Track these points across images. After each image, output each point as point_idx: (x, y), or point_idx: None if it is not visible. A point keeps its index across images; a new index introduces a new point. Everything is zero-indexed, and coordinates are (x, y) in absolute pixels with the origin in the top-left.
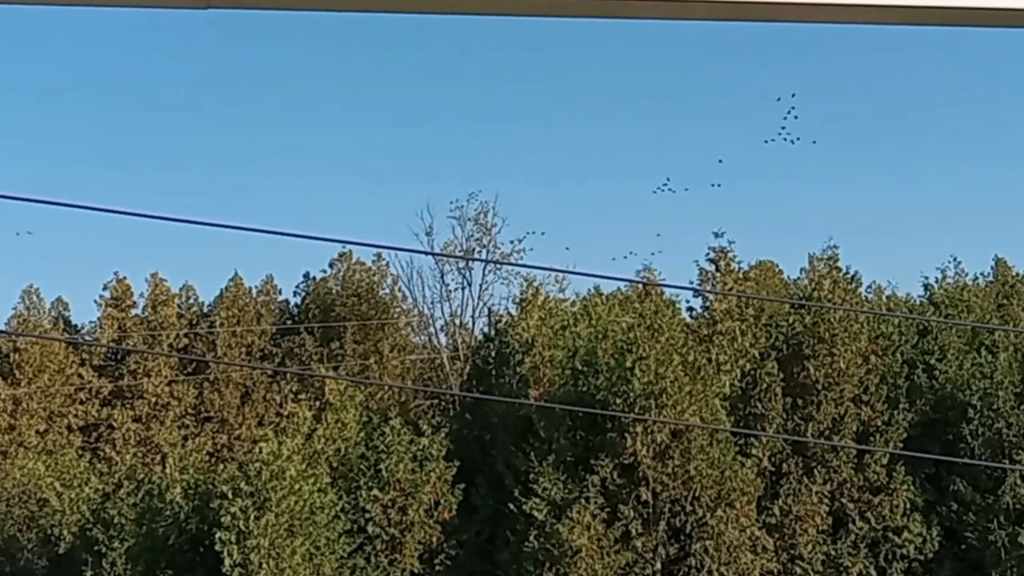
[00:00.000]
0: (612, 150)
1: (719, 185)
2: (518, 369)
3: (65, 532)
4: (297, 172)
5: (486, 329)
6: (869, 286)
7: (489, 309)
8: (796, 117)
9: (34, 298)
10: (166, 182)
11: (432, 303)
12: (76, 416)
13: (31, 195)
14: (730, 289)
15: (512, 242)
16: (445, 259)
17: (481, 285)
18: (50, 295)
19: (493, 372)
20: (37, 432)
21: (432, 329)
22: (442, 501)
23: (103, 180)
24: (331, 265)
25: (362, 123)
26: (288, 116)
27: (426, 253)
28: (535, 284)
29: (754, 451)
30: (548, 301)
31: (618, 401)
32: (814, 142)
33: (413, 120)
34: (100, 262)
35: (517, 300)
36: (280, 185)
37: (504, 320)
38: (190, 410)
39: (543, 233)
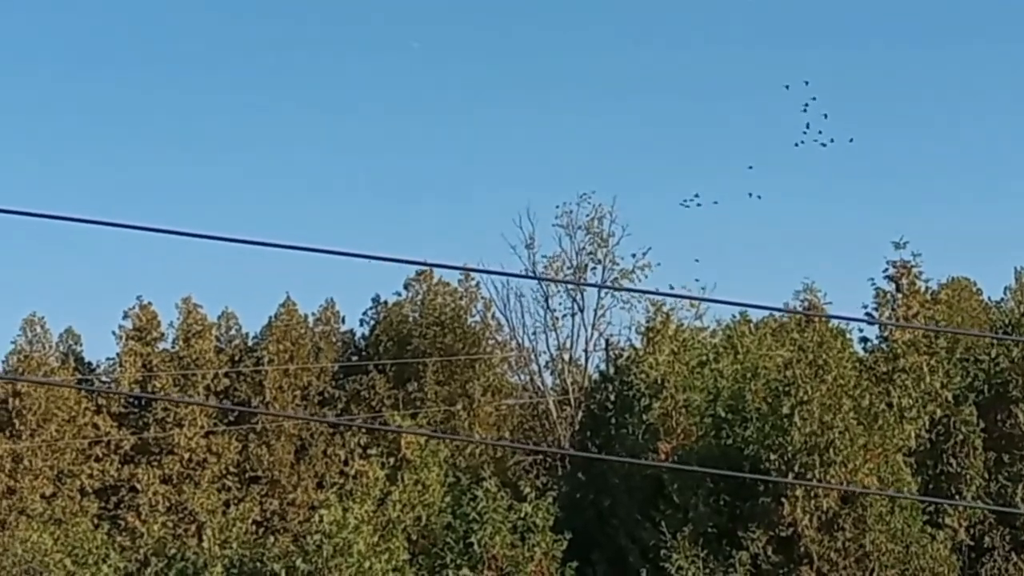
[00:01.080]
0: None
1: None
2: (644, 417)
3: None
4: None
5: (603, 366)
6: None
7: (607, 340)
8: (825, 116)
9: (38, 329)
10: (192, 189)
11: (535, 333)
12: (91, 476)
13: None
14: (915, 316)
15: (634, 255)
16: (549, 280)
17: (596, 310)
18: (57, 326)
19: (613, 421)
20: (43, 496)
21: (535, 366)
22: None
23: (110, 183)
24: (407, 287)
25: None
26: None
27: (503, 274)
28: (664, 309)
29: (947, 521)
30: (682, 330)
31: (773, 457)
32: (851, 140)
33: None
34: (119, 285)
35: (642, 329)
36: (339, 193)
37: (626, 354)
38: (232, 468)
39: (669, 245)
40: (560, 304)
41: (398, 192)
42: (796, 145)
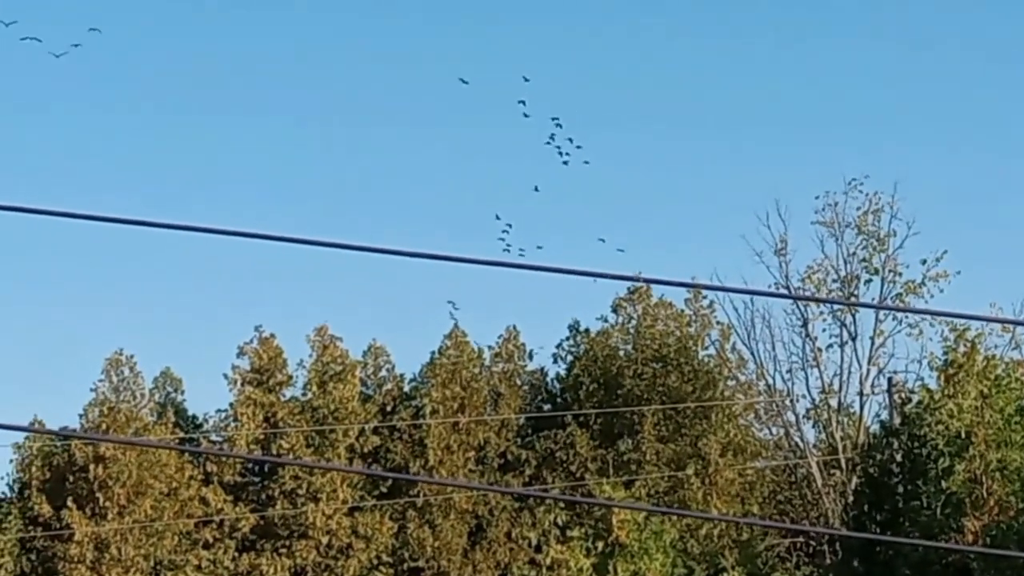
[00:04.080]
0: None
1: None
2: (944, 484)
3: None
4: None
5: (885, 414)
6: None
7: (889, 380)
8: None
9: (126, 372)
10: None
11: (790, 371)
12: (199, 568)
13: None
14: None
15: (924, 262)
16: (808, 300)
17: (873, 338)
18: (151, 367)
19: (900, 489)
20: None
21: (791, 415)
22: None
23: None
24: (615, 309)
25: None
26: None
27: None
28: (968, 335)
29: None
30: (993, 364)
31: None
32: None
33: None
34: (231, 312)
35: (938, 363)
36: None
37: (917, 398)
38: (385, 556)
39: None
40: (824, 330)
41: (599, 188)
42: None
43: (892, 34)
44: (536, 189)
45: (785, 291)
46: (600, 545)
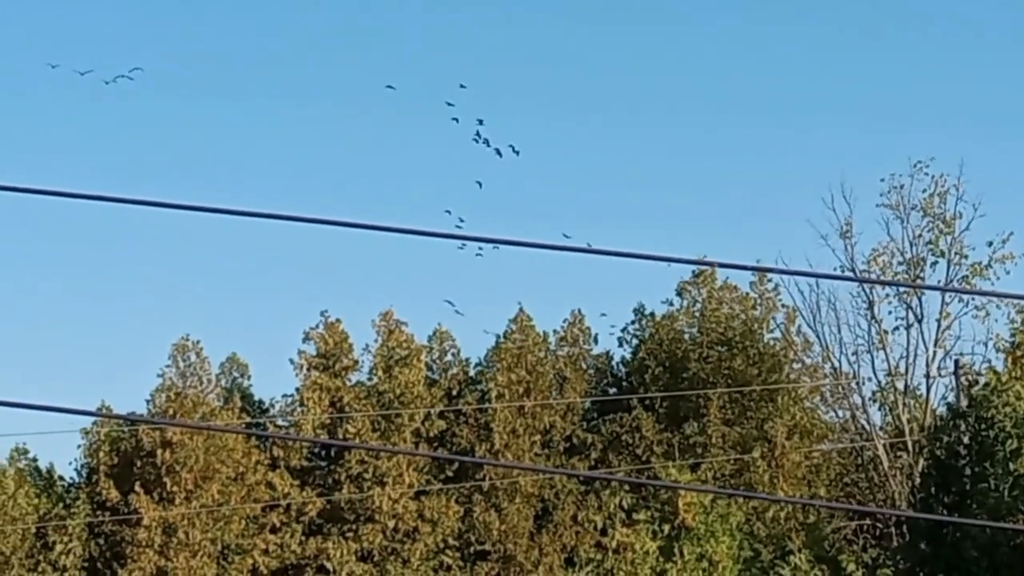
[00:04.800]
0: None
1: None
2: (1012, 465)
3: None
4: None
5: (952, 397)
6: None
7: (956, 362)
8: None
9: (192, 357)
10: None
11: (855, 354)
12: (267, 552)
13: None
14: None
15: (990, 244)
16: (874, 283)
17: (940, 321)
18: (217, 353)
19: (968, 472)
20: None
21: (857, 398)
22: None
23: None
24: (680, 293)
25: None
26: None
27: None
28: None
29: None
30: None
31: None
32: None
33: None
34: (297, 297)
35: (1005, 345)
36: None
37: (984, 380)
38: (451, 540)
39: None
40: (890, 313)
41: (661, 169)
42: None
43: (957, 15)
44: (479, 184)
45: (850, 274)
46: (666, 528)
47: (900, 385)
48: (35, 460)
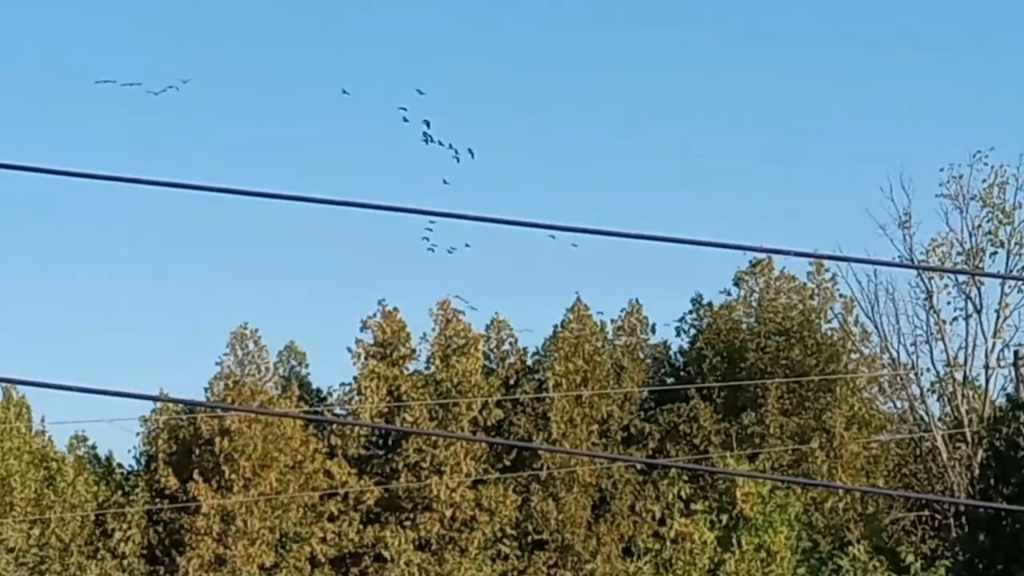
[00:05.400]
0: None
1: None
2: None
3: None
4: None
5: (1011, 388)
6: None
7: (1016, 352)
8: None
9: (250, 346)
10: None
11: (914, 344)
12: (324, 541)
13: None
14: None
15: None
16: (931, 271)
17: (999, 311)
18: (275, 341)
19: None
20: (262, 568)
21: (915, 389)
22: None
23: None
24: (737, 283)
25: None
26: None
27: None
28: None
29: None
30: None
31: None
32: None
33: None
34: (354, 285)
35: None
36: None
37: None
38: (509, 529)
39: None
40: (949, 303)
41: (714, 159)
42: None
43: (1015, 3)
44: (445, 182)
45: (909, 263)
46: (724, 518)
47: (959, 376)
48: (94, 448)
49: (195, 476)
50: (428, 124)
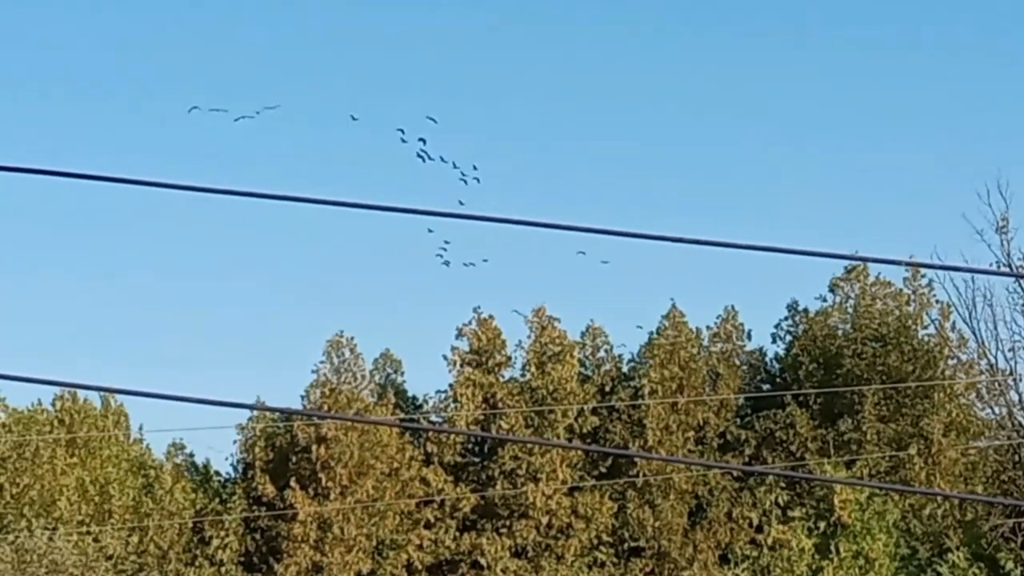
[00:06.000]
0: None
1: None
2: None
3: None
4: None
5: None
6: None
7: None
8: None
9: (346, 354)
10: None
11: (1012, 350)
12: (421, 548)
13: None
14: None
15: None
16: None
17: None
18: (370, 349)
19: None
20: (358, 575)
21: (1014, 395)
22: None
23: None
24: (833, 289)
25: None
26: None
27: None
28: None
29: None
30: None
31: None
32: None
33: None
34: (450, 293)
35: None
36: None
37: None
38: (606, 536)
39: None
40: None
41: (811, 168)
42: None
43: None
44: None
45: (1007, 269)
46: (822, 525)
47: None
48: (191, 455)
49: (292, 483)
50: (424, 141)
